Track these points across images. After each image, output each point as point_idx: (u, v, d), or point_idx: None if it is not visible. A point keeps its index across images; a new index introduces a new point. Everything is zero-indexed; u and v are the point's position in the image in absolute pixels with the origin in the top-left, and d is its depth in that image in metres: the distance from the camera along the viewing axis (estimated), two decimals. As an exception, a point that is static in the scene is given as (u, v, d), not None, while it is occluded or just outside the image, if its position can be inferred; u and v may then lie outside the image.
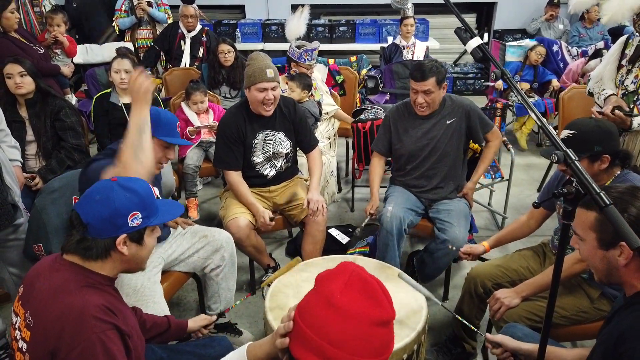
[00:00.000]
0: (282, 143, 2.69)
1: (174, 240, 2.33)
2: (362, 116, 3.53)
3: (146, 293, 2.00)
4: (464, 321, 1.85)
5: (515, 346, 1.58)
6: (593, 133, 1.79)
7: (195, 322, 1.83)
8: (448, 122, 2.60)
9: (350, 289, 0.94)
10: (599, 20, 5.83)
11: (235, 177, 2.64)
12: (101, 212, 1.27)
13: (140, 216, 1.31)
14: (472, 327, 1.82)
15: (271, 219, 2.57)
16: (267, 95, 2.50)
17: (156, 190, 1.90)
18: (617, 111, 2.44)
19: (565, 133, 1.84)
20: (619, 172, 1.85)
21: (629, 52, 2.60)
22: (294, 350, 0.97)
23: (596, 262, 1.31)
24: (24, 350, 1.24)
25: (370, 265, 2.10)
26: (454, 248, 2.39)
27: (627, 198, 1.25)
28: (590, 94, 2.79)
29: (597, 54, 4.55)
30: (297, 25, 4.58)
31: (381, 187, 2.82)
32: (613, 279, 1.32)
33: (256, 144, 2.64)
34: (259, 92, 2.50)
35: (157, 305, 1.99)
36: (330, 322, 0.92)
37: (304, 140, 2.78)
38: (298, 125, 2.72)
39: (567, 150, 1.07)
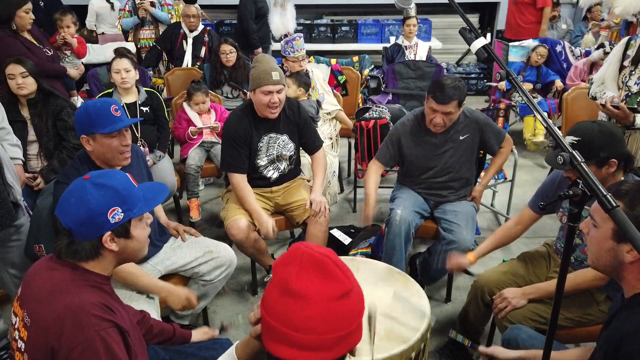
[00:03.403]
0: (285, 146, 2.67)
1: (172, 251, 2.28)
2: (366, 115, 3.52)
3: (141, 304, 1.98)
4: (457, 338, 1.85)
5: (506, 355, 1.62)
6: (597, 138, 1.76)
7: (197, 334, 1.82)
8: (461, 138, 2.56)
9: (305, 272, 0.94)
10: (602, 20, 5.84)
11: (240, 181, 2.61)
12: (79, 215, 1.24)
13: (120, 210, 1.27)
14: (465, 343, 1.82)
15: (273, 231, 2.54)
16: (272, 98, 2.47)
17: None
18: (621, 104, 2.42)
19: (569, 139, 1.82)
20: (622, 178, 1.84)
21: (631, 52, 2.59)
22: (265, 343, 0.98)
23: (602, 251, 1.30)
24: (23, 350, 1.24)
25: (380, 269, 2.10)
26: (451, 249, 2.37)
27: (638, 195, 1.25)
28: (594, 98, 2.77)
29: (600, 46, 4.51)
30: (281, 21, 4.51)
31: (387, 187, 2.80)
32: (611, 272, 1.32)
33: (261, 147, 2.63)
34: (264, 95, 2.47)
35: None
36: (292, 309, 0.92)
37: (308, 142, 2.76)
38: (302, 127, 2.71)
39: (574, 152, 1.06)
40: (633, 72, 2.56)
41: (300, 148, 2.82)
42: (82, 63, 4.31)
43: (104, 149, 1.96)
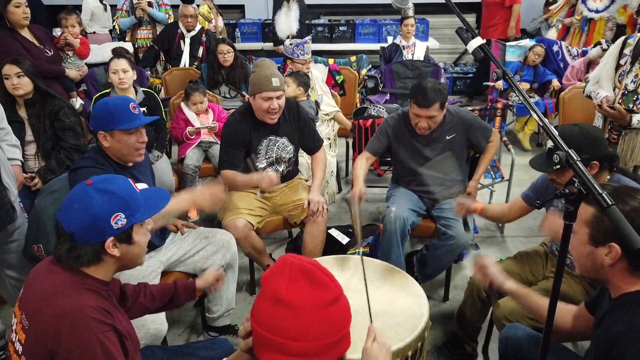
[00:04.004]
0: (285, 148, 2.67)
1: (173, 244, 2.31)
2: (364, 114, 3.52)
3: None
4: None
5: (497, 277, 1.67)
6: (578, 141, 1.74)
7: (204, 280, 1.81)
8: (448, 138, 2.58)
9: (295, 282, 0.97)
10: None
11: (230, 173, 2.57)
12: (82, 221, 1.24)
13: (123, 216, 1.28)
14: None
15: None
16: (272, 104, 2.47)
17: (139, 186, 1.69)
18: (617, 105, 2.43)
19: (550, 144, 1.83)
20: (608, 177, 1.85)
21: (628, 51, 2.60)
22: (258, 355, 0.99)
23: (582, 256, 1.33)
24: (20, 352, 1.24)
25: (379, 268, 2.10)
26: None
27: (620, 197, 1.25)
28: (589, 97, 2.79)
29: (597, 44, 4.52)
30: (286, 22, 4.49)
31: (383, 187, 2.81)
32: (596, 276, 1.33)
33: (260, 149, 2.63)
34: (264, 101, 2.47)
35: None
36: (285, 319, 0.95)
37: (309, 142, 2.76)
38: (302, 127, 2.71)
39: (569, 151, 1.07)
40: (630, 70, 2.57)
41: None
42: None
43: (121, 145, 1.99)
